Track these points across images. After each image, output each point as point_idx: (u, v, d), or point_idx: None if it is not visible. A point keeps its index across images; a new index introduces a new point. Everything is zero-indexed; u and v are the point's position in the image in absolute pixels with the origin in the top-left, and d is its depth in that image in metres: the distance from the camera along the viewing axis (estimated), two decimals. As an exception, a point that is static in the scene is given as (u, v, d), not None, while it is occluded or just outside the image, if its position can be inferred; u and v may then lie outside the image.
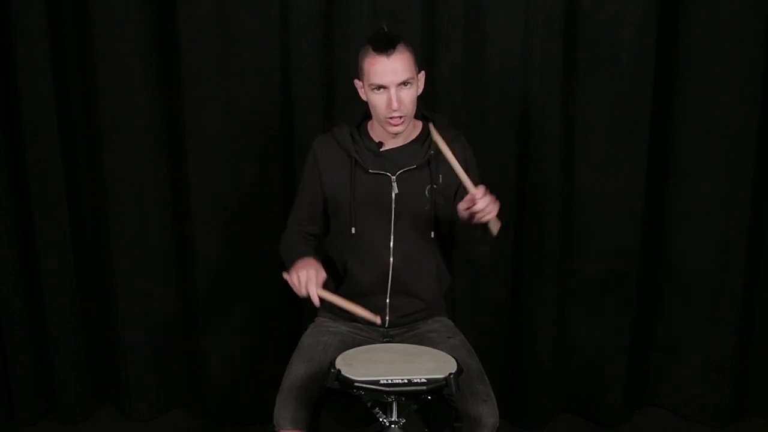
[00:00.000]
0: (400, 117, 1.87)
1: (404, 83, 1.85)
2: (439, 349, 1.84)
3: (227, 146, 2.60)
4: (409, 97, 1.87)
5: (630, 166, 2.59)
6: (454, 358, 1.74)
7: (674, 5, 2.53)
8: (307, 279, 1.81)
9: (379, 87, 1.86)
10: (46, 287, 2.70)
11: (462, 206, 1.78)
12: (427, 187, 1.96)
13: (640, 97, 2.54)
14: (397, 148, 1.98)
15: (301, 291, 1.82)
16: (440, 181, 1.98)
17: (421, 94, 1.98)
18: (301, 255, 1.91)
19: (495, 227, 1.80)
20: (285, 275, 1.86)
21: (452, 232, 1.99)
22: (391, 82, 1.84)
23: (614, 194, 2.62)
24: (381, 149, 1.98)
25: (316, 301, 1.82)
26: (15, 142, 2.62)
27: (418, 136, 2.01)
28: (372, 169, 1.95)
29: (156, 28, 2.55)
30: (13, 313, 2.70)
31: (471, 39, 2.53)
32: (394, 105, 1.84)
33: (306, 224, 2.07)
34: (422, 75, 1.95)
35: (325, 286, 1.87)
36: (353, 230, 1.97)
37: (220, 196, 2.64)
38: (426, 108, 2.05)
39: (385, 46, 1.83)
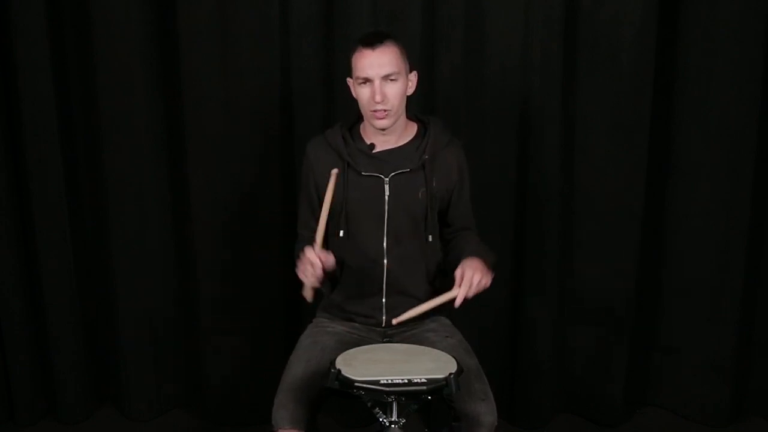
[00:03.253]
0: (384, 110, 1.88)
1: (389, 77, 1.86)
2: (437, 348, 1.84)
3: (227, 146, 2.60)
4: (393, 91, 1.88)
5: (630, 166, 2.59)
6: (454, 357, 1.74)
7: (674, 5, 2.53)
8: (307, 270, 1.84)
9: (365, 80, 1.87)
10: (46, 287, 2.70)
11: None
12: (421, 191, 1.97)
13: (640, 97, 2.54)
14: (390, 149, 1.98)
15: (307, 281, 1.85)
16: (434, 184, 1.98)
17: (422, 93, 1.98)
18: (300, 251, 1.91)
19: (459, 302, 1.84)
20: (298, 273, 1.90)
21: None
22: (375, 74, 1.85)
23: (614, 194, 2.62)
24: (373, 151, 1.98)
25: (328, 263, 1.84)
26: (15, 142, 2.62)
27: (412, 139, 2.01)
28: (365, 171, 1.96)
29: (156, 28, 2.55)
30: (13, 313, 2.70)
31: (471, 39, 2.53)
32: (377, 97, 1.85)
33: (313, 227, 2.07)
34: (414, 75, 1.96)
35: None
36: (341, 233, 1.98)
37: (220, 196, 2.64)
38: (425, 108, 2.05)
39: (371, 41, 1.86)
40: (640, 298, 2.73)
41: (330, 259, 1.87)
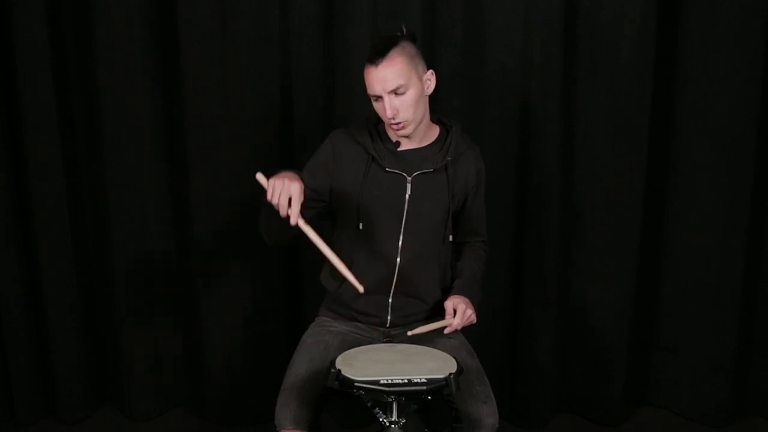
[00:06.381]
0: (399, 123, 1.88)
1: (396, 90, 1.84)
2: (439, 349, 1.84)
3: (227, 146, 2.60)
4: (404, 103, 1.86)
5: (630, 165, 2.60)
6: (454, 358, 1.74)
7: (674, 5, 2.53)
8: (282, 188, 1.68)
9: (375, 96, 1.87)
10: (46, 287, 2.70)
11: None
12: (442, 192, 1.97)
13: (640, 97, 2.54)
14: (413, 149, 1.98)
15: (274, 200, 1.69)
16: (456, 188, 1.99)
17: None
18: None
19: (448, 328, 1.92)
20: (259, 175, 1.75)
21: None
22: (381, 91, 1.84)
23: (614, 194, 2.62)
24: (398, 149, 1.98)
25: (294, 219, 1.68)
26: (15, 142, 2.62)
27: (434, 141, 2.01)
28: (389, 168, 1.95)
29: (156, 28, 2.55)
30: (13, 312, 2.70)
31: (471, 39, 2.53)
32: (388, 113, 1.85)
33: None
34: (431, 74, 1.93)
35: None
36: (360, 226, 1.97)
37: (220, 196, 2.64)
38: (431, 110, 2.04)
39: (374, 56, 1.83)
40: (640, 298, 2.73)
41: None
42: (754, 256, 2.69)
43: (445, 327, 1.91)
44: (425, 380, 1.61)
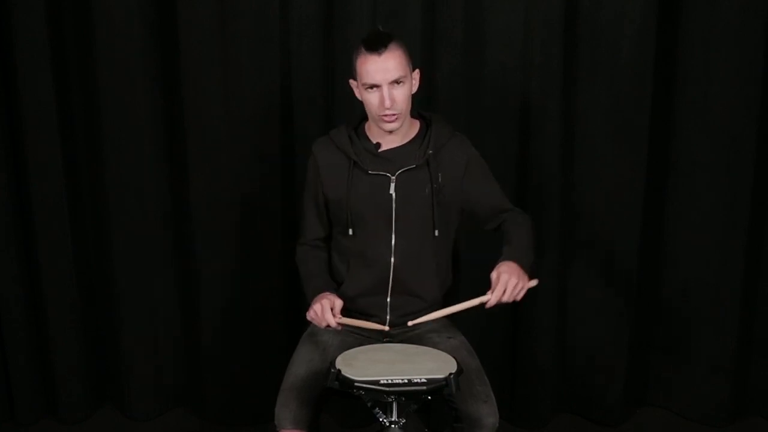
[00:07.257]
0: (394, 114, 1.88)
1: (396, 81, 1.86)
2: (439, 349, 1.84)
3: (227, 146, 2.60)
4: (401, 95, 1.87)
5: (630, 165, 2.59)
6: (454, 358, 1.74)
7: (674, 5, 2.53)
8: (322, 311, 1.83)
9: (372, 86, 1.87)
10: (46, 287, 2.71)
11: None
12: (427, 187, 1.97)
13: (640, 97, 2.54)
14: (395, 148, 1.98)
15: (321, 324, 1.84)
16: (440, 180, 1.98)
17: (422, 93, 1.98)
18: (316, 290, 1.94)
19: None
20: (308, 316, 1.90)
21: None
22: (383, 80, 1.85)
23: (614, 194, 2.62)
24: (379, 150, 1.98)
25: (335, 326, 1.84)
26: (15, 142, 2.62)
27: (416, 136, 2.01)
28: (371, 170, 1.96)
29: (156, 28, 2.55)
30: (13, 312, 2.70)
31: (471, 39, 2.53)
32: (387, 103, 1.85)
33: (317, 231, 2.08)
34: (417, 73, 1.96)
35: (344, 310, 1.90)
36: (350, 231, 1.97)
37: (220, 196, 2.64)
38: (425, 109, 2.05)
39: (376, 45, 1.84)
40: (640, 298, 2.73)
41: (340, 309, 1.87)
42: (754, 256, 2.68)
43: (482, 304, 1.83)
44: (425, 380, 1.61)
